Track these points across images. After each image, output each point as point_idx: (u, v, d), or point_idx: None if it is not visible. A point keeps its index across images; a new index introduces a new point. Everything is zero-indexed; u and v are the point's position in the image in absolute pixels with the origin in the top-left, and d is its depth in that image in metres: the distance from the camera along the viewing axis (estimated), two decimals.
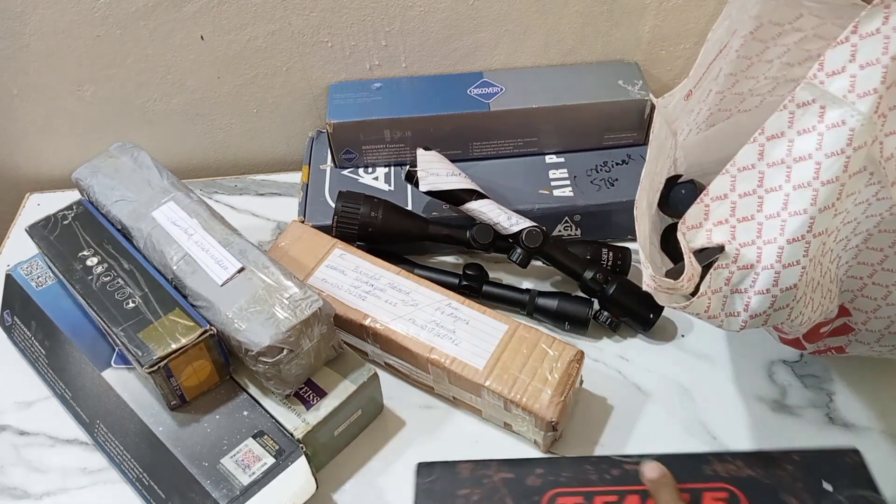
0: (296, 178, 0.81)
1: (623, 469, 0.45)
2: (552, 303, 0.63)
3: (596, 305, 0.64)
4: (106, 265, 0.56)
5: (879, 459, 0.55)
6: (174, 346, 0.50)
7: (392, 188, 0.73)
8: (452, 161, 0.71)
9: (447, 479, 0.45)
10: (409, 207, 0.70)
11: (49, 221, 0.60)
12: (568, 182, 0.71)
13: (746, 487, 0.43)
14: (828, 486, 0.43)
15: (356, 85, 0.77)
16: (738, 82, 0.59)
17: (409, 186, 0.72)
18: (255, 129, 0.83)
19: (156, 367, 0.50)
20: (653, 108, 0.73)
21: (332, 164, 0.76)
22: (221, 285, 0.54)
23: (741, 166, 0.44)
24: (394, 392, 0.61)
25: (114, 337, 0.53)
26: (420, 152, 0.69)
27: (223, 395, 0.55)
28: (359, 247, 0.65)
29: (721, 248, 0.44)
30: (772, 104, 0.59)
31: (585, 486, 0.44)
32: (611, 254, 0.66)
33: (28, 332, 0.62)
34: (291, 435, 0.52)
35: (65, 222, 0.60)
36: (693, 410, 0.59)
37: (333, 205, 0.69)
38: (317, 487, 0.54)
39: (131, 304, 0.53)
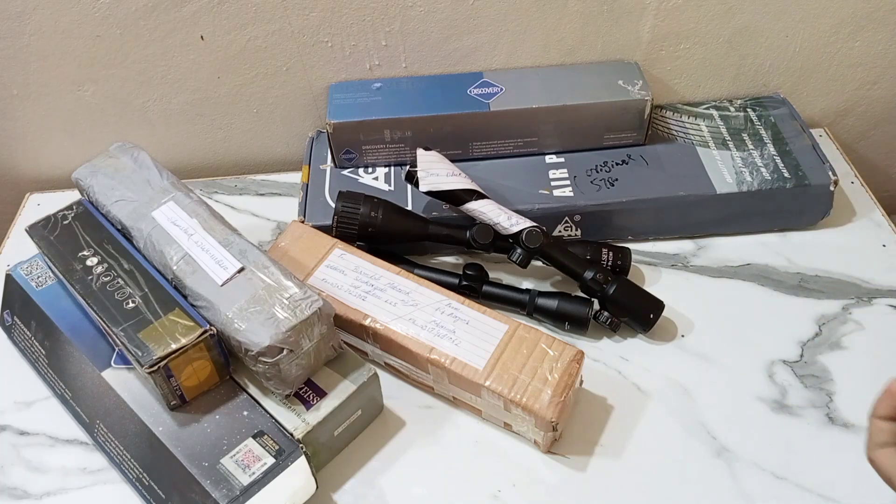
0: (296, 178, 0.81)
1: None
2: (552, 303, 0.63)
3: (596, 305, 0.64)
4: (106, 265, 0.56)
5: None
6: (174, 346, 0.50)
7: (392, 188, 0.73)
8: (452, 161, 0.71)
9: None
10: (409, 207, 0.70)
11: (49, 221, 0.60)
12: (568, 182, 0.71)
13: None
14: None
15: (356, 85, 0.77)
16: None
17: (409, 186, 0.72)
18: (255, 129, 0.83)
19: (156, 367, 0.50)
20: (652, 107, 0.73)
21: (332, 164, 0.76)
22: (221, 285, 0.54)
23: None
24: (394, 392, 0.61)
25: (114, 337, 0.53)
26: (420, 152, 0.69)
27: (223, 395, 0.55)
28: (359, 247, 0.65)
29: None
30: None
31: None
32: (611, 254, 0.66)
33: (28, 332, 0.62)
34: (291, 435, 0.52)
35: (65, 222, 0.60)
36: (693, 410, 0.59)
37: (333, 205, 0.69)
38: (317, 487, 0.54)
39: (131, 304, 0.53)
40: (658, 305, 0.63)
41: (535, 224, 0.64)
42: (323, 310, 0.52)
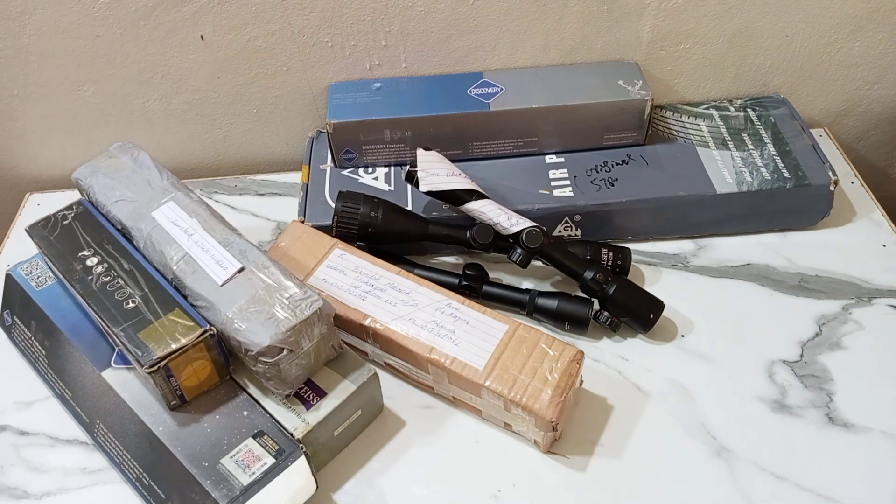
0: (296, 178, 0.81)
1: None
2: (552, 303, 0.63)
3: (596, 305, 0.64)
4: (106, 265, 0.56)
5: (879, 459, 0.55)
6: (174, 346, 0.50)
7: (392, 188, 0.73)
8: (452, 161, 0.71)
9: None
10: (409, 207, 0.70)
11: (49, 221, 0.60)
12: (568, 182, 0.72)
13: None
14: None
15: (356, 85, 0.77)
16: None
17: (409, 186, 0.72)
18: (255, 129, 0.83)
19: (156, 367, 0.50)
20: (652, 107, 0.73)
21: (332, 164, 0.76)
22: (221, 285, 0.54)
23: None
24: (394, 392, 0.61)
25: (114, 337, 0.53)
26: (420, 152, 0.69)
27: (223, 395, 0.55)
28: (359, 247, 0.65)
29: None
30: None
31: None
32: (611, 254, 0.66)
33: (28, 332, 0.62)
34: (291, 435, 0.52)
35: (65, 222, 0.60)
36: (693, 410, 0.59)
37: (333, 205, 0.69)
38: (317, 487, 0.54)
39: (131, 304, 0.53)
40: (658, 305, 0.63)
41: (535, 224, 0.64)
42: (323, 310, 0.52)
